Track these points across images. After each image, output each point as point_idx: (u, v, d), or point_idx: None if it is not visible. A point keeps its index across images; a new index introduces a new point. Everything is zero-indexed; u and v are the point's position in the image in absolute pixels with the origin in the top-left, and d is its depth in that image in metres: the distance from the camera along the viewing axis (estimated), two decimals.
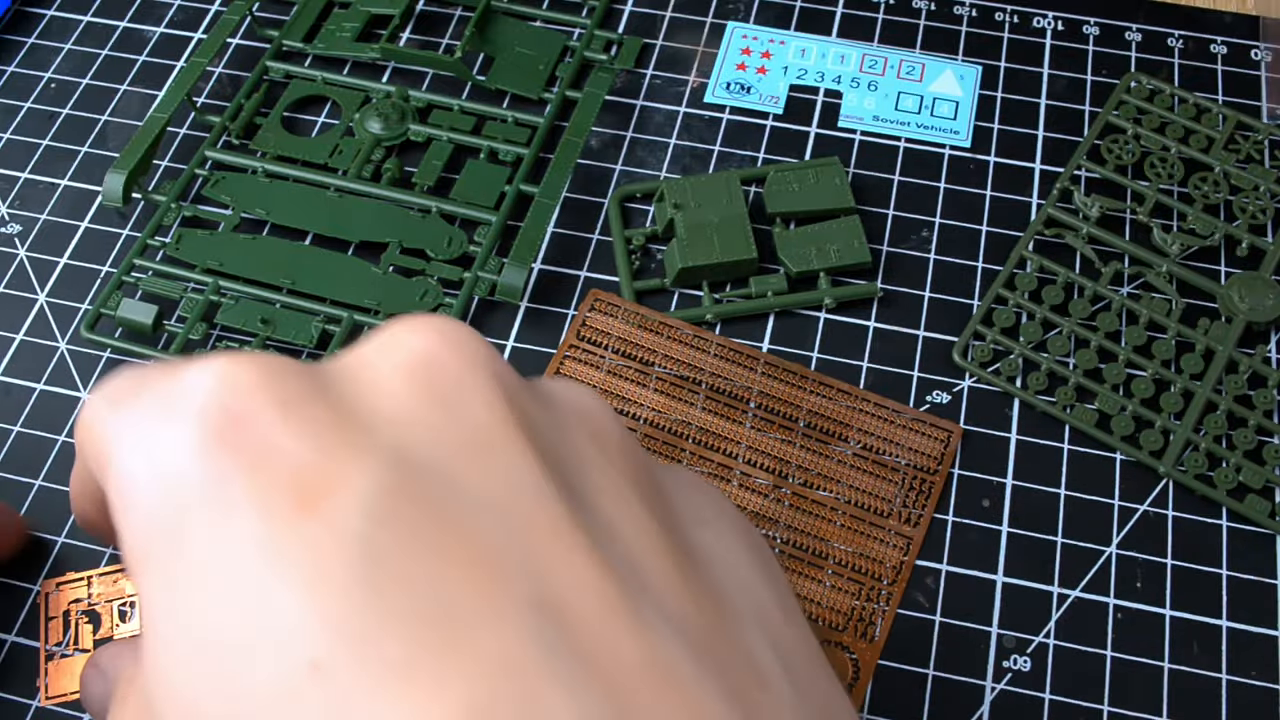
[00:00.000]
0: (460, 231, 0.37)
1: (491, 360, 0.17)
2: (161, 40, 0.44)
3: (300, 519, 0.14)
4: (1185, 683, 0.30)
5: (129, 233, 0.38)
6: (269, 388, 0.15)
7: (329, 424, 0.15)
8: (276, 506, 0.14)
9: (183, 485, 0.15)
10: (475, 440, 0.16)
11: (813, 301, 0.36)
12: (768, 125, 0.40)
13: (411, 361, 0.16)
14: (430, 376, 0.16)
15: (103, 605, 0.31)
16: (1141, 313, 0.35)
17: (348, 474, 0.15)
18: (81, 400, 0.35)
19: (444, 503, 0.15)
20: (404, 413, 0.16)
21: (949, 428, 0.33)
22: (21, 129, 0.41)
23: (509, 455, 0.16)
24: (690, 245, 0.36)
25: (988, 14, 0.43)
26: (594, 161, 0.40)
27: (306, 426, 0.15)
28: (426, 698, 0.13)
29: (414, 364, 0.16)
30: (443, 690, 0.13)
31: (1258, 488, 0.32)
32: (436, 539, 0.14)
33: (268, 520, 0.14)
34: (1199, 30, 0.43)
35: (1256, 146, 0.39)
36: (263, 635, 0.14)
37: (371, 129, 0.40)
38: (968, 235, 0.38)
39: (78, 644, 0.31)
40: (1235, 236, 0.37)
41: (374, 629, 0.13)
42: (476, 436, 0.16)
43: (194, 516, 0.15)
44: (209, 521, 0.15)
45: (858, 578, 0.31)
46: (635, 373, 0.34)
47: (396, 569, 0.14)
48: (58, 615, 0.31)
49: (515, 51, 0.42)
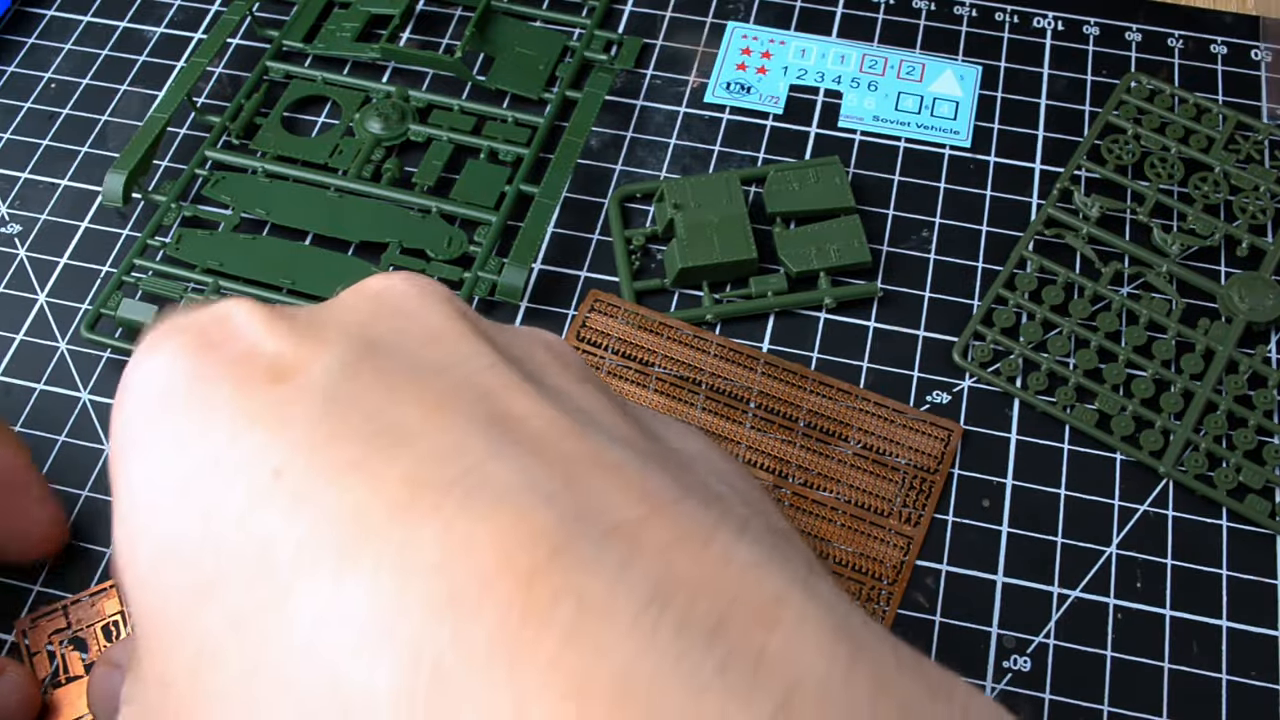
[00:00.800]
0: (460, 231, 0.37)
1: (451, 295, 0.19)
2: (161, 40, 0.44)
3: (271, 388, 0.16)
4: (1185, 683, 0.30)
5: (129, 233, 0.38)
6: (251, 310, 0.18)
7: (301, 327, 0.17)
8: (251, 382, 0.16)
9: (169, 383, 0.17)
10: (430, 336, 0.18)
11: (813, 301, 0.36)
12: (768, 125, 0.40)
13: (375, 288, 0.19)
14: (391, 297, 0.19)
15: (85, 630, 0.31)
16: (1141, 313, 0.35)
17: (315, 354, 0.17)
18: (81, 400, 0.35)
19: (399, 367, 0.17)
20: (367, 321, 0.18)
21: (949, 427, 0.33)
22: (21, 129, 0.41)
23: (463, 343, 0.18)
24: (690, 245, 0.36)
25: (988, 14, 0.43)
26: (594, 161, 0.40)
27: (280, 330, 0.17)
28: (373, 479, 0.15)
29: (377, 290, 0.19)
30: (389, 470, 0.15)
31: (1258, 488, 0.32)
32: (391, 386, 0.16)
33: (242, 390, 0.16)
34: (1199, 30, 0.43)
35: (1256, 146, 0.39)
36: (233, 468, 0.15)
37: (371, 129, 0.40)
38: (968, 235, 0.38)
39: (68, 672, 0.30)
40: (1235, 236, 0.37)
41: (328, 440, 0.15)
42: (431, 334, 0.18)
43: (175, 401, 0.16)
44: (188, 404, 0.16)
45: (858, 578, 0.31)
46: (635, 373, 0.34)
47: (353, 403, 0.16)
48: (40, 650, 0.30)
49: (515, 51, 0.42)
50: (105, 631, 0.31)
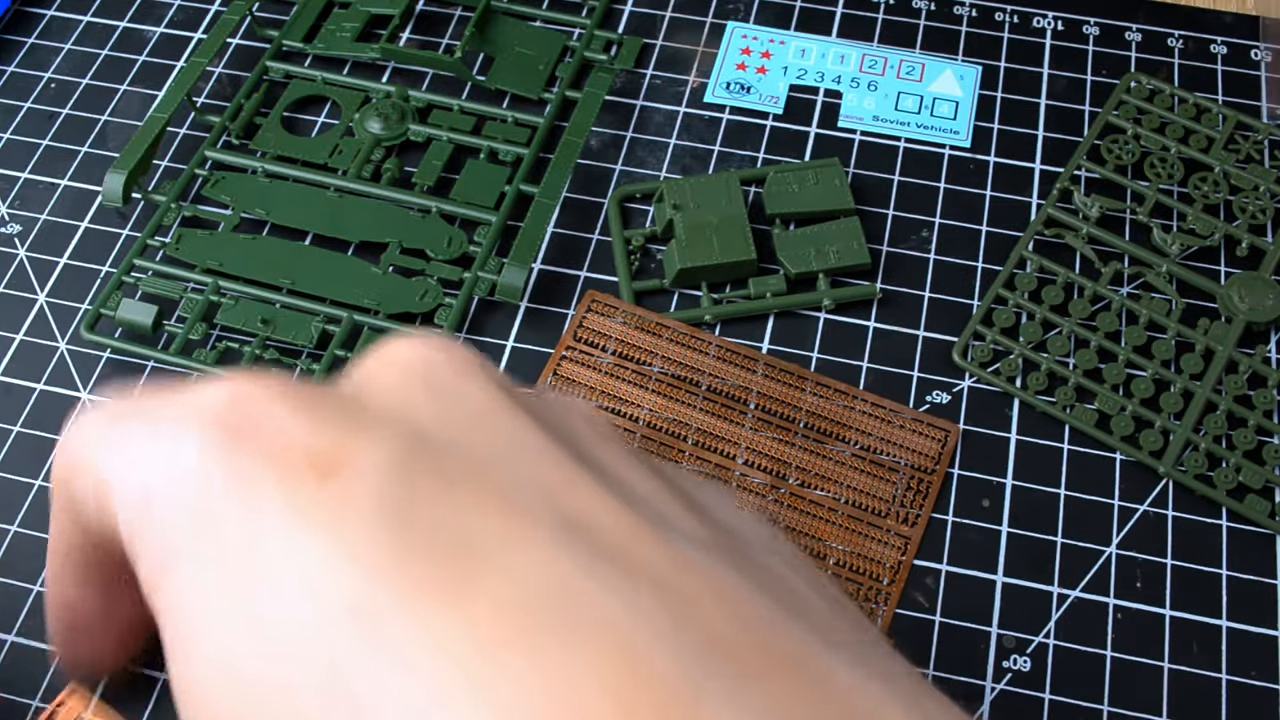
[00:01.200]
0: (460, 231, 0.37)
1: (483, 361, 0.18)
2: (161, 40, 0.44)
3: (321, 487, 0.15)
4: (1185, 683, 0.30)
5: (129, 233, 0.38)
6: (278, 395, 0.16)
7: (338, 415, 0.16)
8: (297, 482, 0.15)
9: (206, 483, 0.16)
10: (476, 417, 0.17)
11: (812, 302, 0.36)
12: (768, 125, 0.40)
13: (409, 363, 0.18)
14: (428, 374, 0.17)
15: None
16: (1141, 313, 0.35)
17: (360, 447, 0.16)
18: (81, 401, 0.35)
19: (454, 462, 0.16)
20: (407, 403, 0.17)
21: (946, 428, 0.33)
22: (21, 129, 0.41)
23: (510, 424, 0.17)
24: (689, 246, 0.36)
25: (988, 14, 0.43)
26: (594, 161, 0.40)
27: (317, 419, 0.16)
28: (458, 607, 0.13)
29: (412, 365, 0.18)
30: (473, 596, 0.14)
31: (1258, 488, 0.32)
32: (451, 486, 0.15)
33: (290, 494, 0.15)
34: (1199, 30, 0.42)
35: (1256, 146, 0.39)
36: (298, 588, 0.14)
37: (371, 129, 0.40)
38: (968, 235, 0.38)
39: None
40: (1235, 236, 0.37)
41: (399, 557, 0.14)
42: (477, 415, 0.17)
43: (219, 508, 0.15)
44: (234, 510, 0.15)
45: (856, 578, 0.31)
46: (633, 374, 0.34)
47: (415, 513, 0.15)
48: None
49: (515, 51, 0.42)
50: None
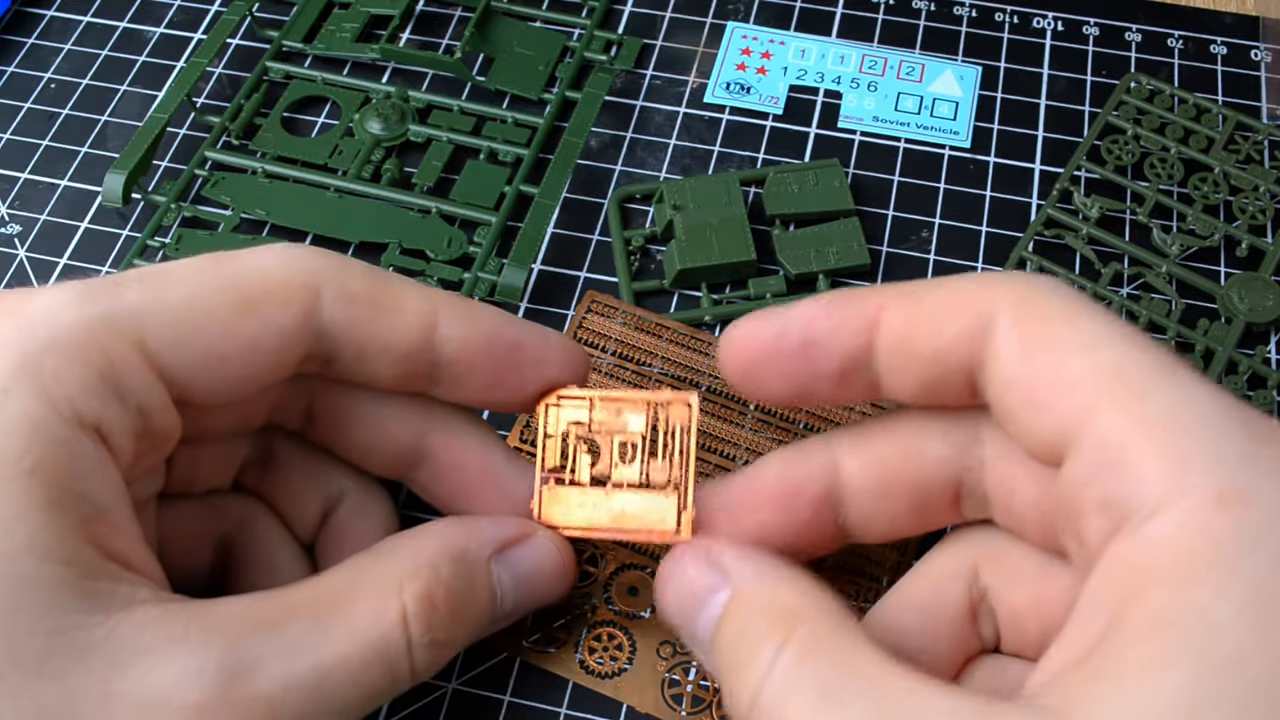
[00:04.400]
0: (460, 232, 0.37)
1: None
2: (161, 40, 0.44)
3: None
4: None
5: (129, 233, 0.38)
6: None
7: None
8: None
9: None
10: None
11: None
12: (767, 126, 0.40)
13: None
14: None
15: (603, 435, 0.27)
16: (1141, 313, 0.35)
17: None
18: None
19: None
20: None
21: None
22: (21, 129, 0.41)
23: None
24: (689, 246, 0.36)
25: (988, 14, 0.43)
26: (594, 162, 0.40)
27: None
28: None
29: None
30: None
31: None
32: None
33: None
34: (1199, 30, 0.43)
35: (1256, 147, 0.39)
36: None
37: (371, 129, 0.40)
38: (967, 236, 0.38)
39: (574, 474, 0.27)
40: (1235, 237, 0.37)
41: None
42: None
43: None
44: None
45: (856, 578, 0.31)
46: (633, 374, 0.34)
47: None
48: (555, 434, 0.28)
49: (515, 52, 0.42)
50: (620, 452, 0.27)
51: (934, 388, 0.24)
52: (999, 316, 0.22)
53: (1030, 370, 0.21)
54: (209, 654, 0.21)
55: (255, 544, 0.28)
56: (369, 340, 0.25)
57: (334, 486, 0.28)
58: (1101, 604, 0.19)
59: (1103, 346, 0.21)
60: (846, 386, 0.25)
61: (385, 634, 0.23)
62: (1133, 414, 0.20)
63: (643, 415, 0.27)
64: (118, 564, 0.22)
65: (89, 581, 0.21)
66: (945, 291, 0.23)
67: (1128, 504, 0.19)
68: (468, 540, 0.26)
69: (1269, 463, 0.19)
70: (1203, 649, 0.17)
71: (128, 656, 0.21)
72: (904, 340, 0.23)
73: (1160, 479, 0.19)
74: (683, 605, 0.24)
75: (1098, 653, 0.19)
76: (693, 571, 0.24)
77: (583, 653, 0.29)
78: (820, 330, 0.24)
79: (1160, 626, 0.18)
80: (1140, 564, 0.19)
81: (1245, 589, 0.17)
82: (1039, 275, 0.23)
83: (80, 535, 0.21)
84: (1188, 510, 0.18)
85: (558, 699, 0.29)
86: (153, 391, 0.23)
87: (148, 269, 0.25)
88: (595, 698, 0.29)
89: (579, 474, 0.28)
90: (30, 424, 0.21)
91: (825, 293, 0.25)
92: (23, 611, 0.20)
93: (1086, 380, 0.21)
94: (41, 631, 0.20)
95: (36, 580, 0.20)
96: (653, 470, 0.27)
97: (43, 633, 0.20)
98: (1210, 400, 0.20)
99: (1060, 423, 0.21)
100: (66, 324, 0.22)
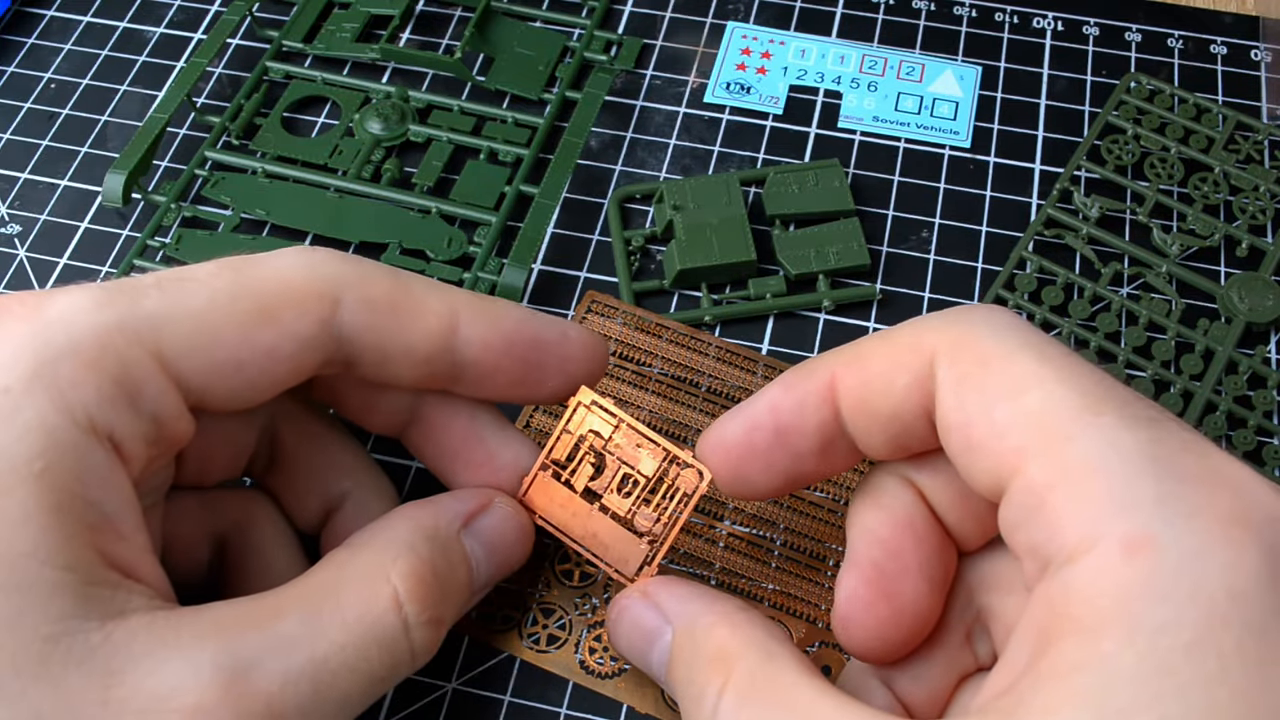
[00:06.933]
0: (460, 232, 0.37)
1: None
2: (161, 40, 0.44)
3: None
4: None
5: (129, 233, 0.38)
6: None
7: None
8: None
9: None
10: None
11: (812, 303, 0.36)
12: (767, 126, 0.40)
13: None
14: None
15: (613, 459, 0.27)
16: (1141, 313, 0.35)
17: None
18: None
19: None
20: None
21: None
22: (21, 129, 0.41)
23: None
24: (689, 246, 0.36)
25: (988, 14, 0.43)
26: (594, 162, 0.40)
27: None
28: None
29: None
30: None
31: None
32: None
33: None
34: (1199, 30, 0.42)
35: (1256, 147, 0.39)
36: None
37: (371, 129, 0.40)
38: (967, 236, 0.38)
39: (572, 476, 0.28)
40: (1235, 237, 0.37)
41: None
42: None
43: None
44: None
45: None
46: (633, 374, 0.34)
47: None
48: (574, 433, 0.28)
49: (515, 52, 0.42)
50: (625, 476, 0.27)
51: (902, 441, 0.24)
52: (939, 360, 0.22)
53: (964, 417, 0.22)
54: (204, 656, 0.21)
55: (253, 543, 0.28)
56: (390, 345, 0.25)
57: (338, 483, 0.28)
58: (1028, 640, 0.20)
59: (1032, 389, 0.21)
60: (832, 458, 0.25)
61: (379, 619, 0.24)
62: (1054, 460, 0.20)
63: (656, 462, 0.27)
64: (118, 571, 0.22)
65: (88, 588, 0.21)
66: (888, 345, 0.23)
67: (1048, 550, 0.20)
68: (435, 519, 0.26)
69: (1183, 503, 0.19)
70: (1103, 699, 0.18)
71: (124, 662, 0.21)
72: (861, 403, 0.24)
73: (1075, 527, 0.19)
74: (633, 643, 0.26)
75: (1014, 690, 0.19)
76: (638, 611, 0.25)
77: (583, 653, 0.29)
78: (787, 412, 0.24)
79: (1067, 673, 0.18)
80: (1057, 610, 0.19)
81: (1147, 639, 0.18)
82: (978, 309, 0.23)
83: (84, 541, 0.21)
84: (1098, 558, 0.19)
85: (558, 699, 0.29)
86: (167, 399, 0.23)
87: (166, 273, 0.24)
88: (595, 698, 0.29)
89: (576, 480, 0.28)
90: (43, 429, 0.21)
91: (781, 374, 0.25)
92: (22, 616, 0.20)
93: (1015, 426, 0.21)
94: (40, 637, 0.20)
95: (37, 585, 0.20)
96: (639, 515, 0.27)
97: (41, 638, 0.20)
98: (1132, 440, 0.20)
99: (994, 467, 0.21)
100: (84, 329, 0.22)
